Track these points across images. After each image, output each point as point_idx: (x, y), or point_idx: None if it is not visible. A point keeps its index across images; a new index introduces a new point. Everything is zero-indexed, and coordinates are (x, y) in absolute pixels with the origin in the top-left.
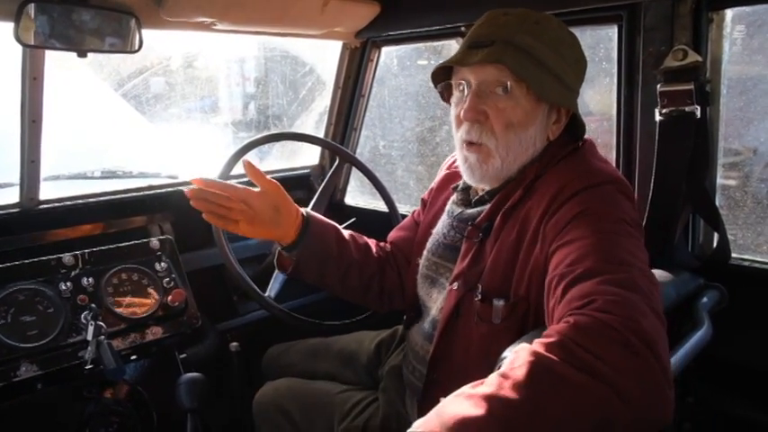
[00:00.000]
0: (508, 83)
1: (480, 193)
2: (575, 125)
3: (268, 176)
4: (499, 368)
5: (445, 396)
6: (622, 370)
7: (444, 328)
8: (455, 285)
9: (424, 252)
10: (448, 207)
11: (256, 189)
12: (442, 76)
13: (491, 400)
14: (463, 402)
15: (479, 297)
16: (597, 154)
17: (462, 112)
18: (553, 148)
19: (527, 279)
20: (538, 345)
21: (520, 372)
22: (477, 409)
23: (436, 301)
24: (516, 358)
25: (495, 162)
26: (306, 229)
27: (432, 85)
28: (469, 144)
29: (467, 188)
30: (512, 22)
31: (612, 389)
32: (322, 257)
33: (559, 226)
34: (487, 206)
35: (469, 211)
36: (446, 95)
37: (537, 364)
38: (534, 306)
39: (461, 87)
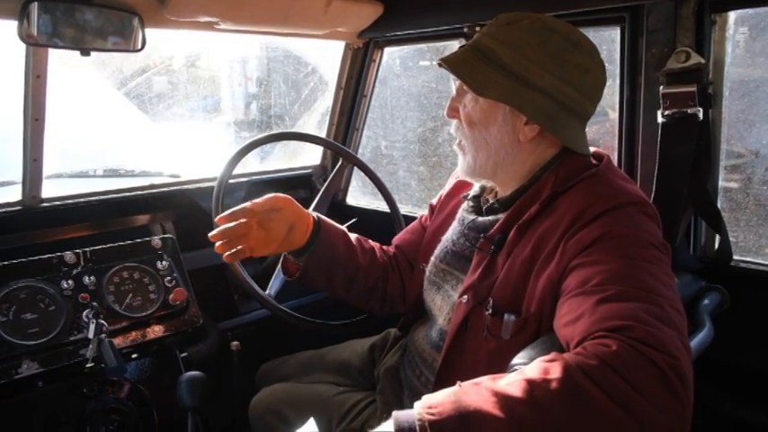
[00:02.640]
0: (463, 84)
1: (491, 201)
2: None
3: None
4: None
5: None
6: (659, 407)
7: (452, 342)
8: (464, 298)
9: (432, 258)
10: (459, 215)
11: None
12: None
13: (516, 404)
14: (486, 396)
15: (490, 311)
16: (617, 171)
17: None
18: (570, 161)
19: (539, 296)
20: (573, 361)
21: (552, 385)
22: (498, 410)
23: (441, 310)
24: (548, 368)
25: (468, 158)
26: (316, 234)
27: (434, 85)
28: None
29: (477, 196)
30: (489, 26)
31: (642, 426)
32: (330, 263)
33: (582, 245)
34: (500, 216)
35: (481, 219)
36: None
37: (573, 384)
38: (546, 324)
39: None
